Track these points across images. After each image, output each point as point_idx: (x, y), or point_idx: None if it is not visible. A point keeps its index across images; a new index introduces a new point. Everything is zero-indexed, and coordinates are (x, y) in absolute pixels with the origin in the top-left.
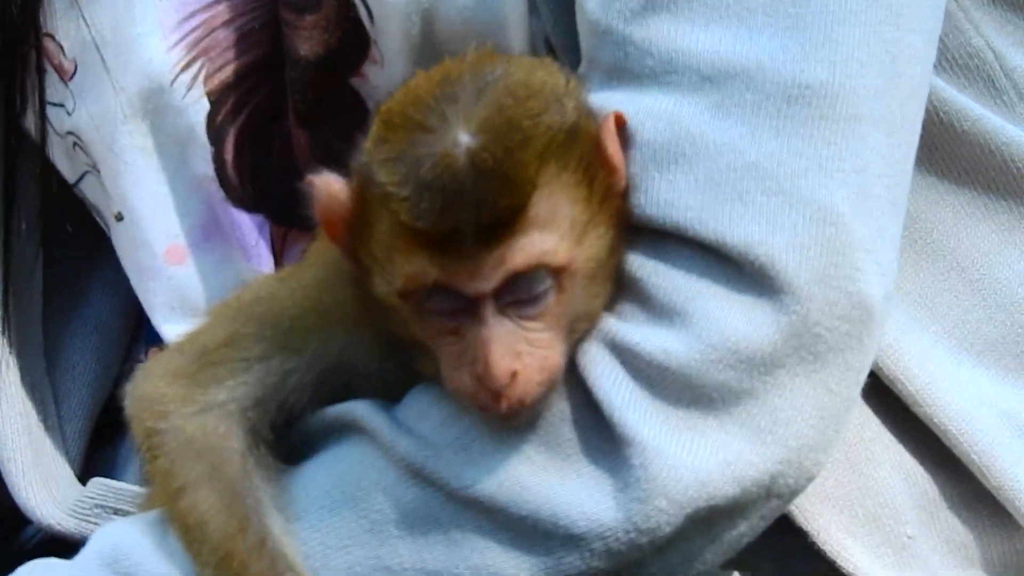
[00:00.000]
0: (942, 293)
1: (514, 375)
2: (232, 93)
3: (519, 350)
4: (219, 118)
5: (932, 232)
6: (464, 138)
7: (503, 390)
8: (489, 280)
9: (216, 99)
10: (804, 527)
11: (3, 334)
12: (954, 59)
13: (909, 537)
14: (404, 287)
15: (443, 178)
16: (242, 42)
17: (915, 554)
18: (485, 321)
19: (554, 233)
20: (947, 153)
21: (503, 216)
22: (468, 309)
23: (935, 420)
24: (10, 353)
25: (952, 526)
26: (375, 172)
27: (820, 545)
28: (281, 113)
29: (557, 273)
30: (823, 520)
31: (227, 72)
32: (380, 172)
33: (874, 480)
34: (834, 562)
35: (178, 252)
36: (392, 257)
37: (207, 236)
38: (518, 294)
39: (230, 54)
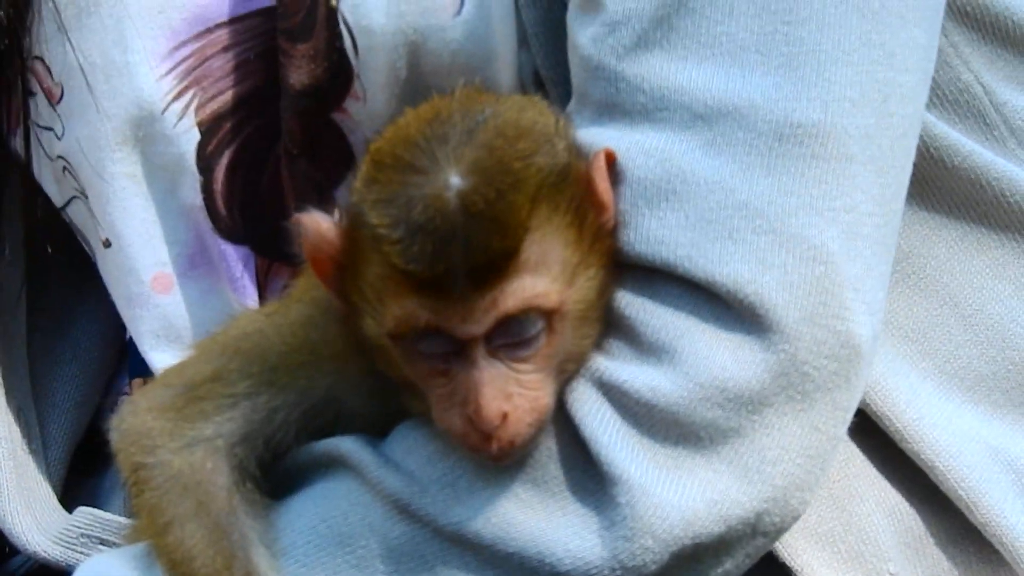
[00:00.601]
0: (934, 328)
1: (504, 417)
2: (225, 123)
3: (509, 392)
4: (210, 148)
5: (925, 267)
6: (455, 180)
7: (494, 432)
8: (480, 323)
9: (207, 128)
10: (788, 563)
11: None
12: (944, 95)
13: (891, 574)
14: (394, 329)
15: (435, 221)
16: (237, 72)
17: None
18: (476, 363)
19: (545, 276)
20: (939, 188)
21: (495, 260)
22: (459, 351)
23: (922, 456)
24: None
25: (938, 563)
26: (366, 213)
27: None
28: (273, 144)
29: (548, 315)
30: (806, 556)
31: (220, 102)
32: (371, 214)
33: (857, 516)
34: None
35: (165, 281)
36: (382, 298)
37: (194, 265)
38: (509, 337)
39: (224, 83)
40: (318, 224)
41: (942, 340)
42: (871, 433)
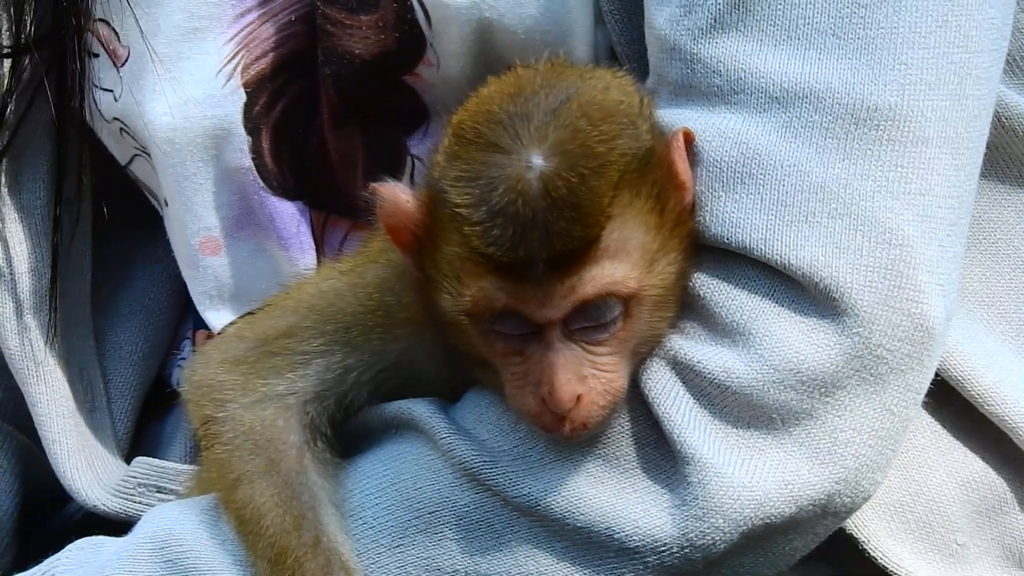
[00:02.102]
0: (1008, 292)
1: (578, 399)
2: (270, 84)
3: (584, 374)
4: (256, 108)
5: (995, 232)
6: (537, 162)
7: (567, 413)
8: (558, 308)
9: (253, 90)
10: (855, 534)
11: (48, 319)
12: (1017, 63)
13: (959, 544)
14: (471, 308)
15: (516, 205)
16: (279, 35)
17: (963, 560)
18: (551, 345)
19: (625, 262)
20: (1008, 155)
21: (576, 246)
22: (535, 332)
23: (1005, 419)
24: (54, 336)
25: (1010, 531)
26: (446, 191)
27: (870, 552)
28: (319, 105)
29: (626, 300)
30: (873, 527)
31: (264, 63)
32: (452, 192)
33: (926, 487)
34: (885, 568)
35: (212, 244)
36: (460, 276)
37: (240, 226)
38: (586, 321)
39: (267, 46)
40: (396, 194)
41: (1016, 304)
42: (947, 402)
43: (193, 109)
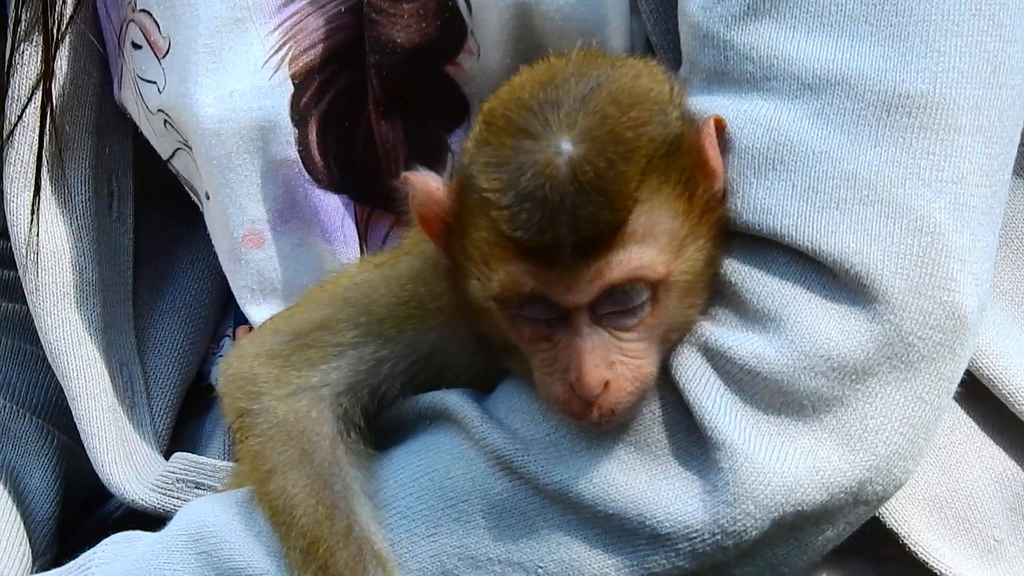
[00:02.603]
0: None
1: (606, 385)
2: (318, 75)
3: (612, 360)
4: (303, 100)
5: None
6: (566, 147)
7: (595, 399)
8: (585, 293)
9: (300, 82)
10: (895, 529)
11: (89, 313)
12: None
13: (996, 540)
14: (499, 293)
15: (544, 189)
16: (328, 26)
17: (1001, 557)
18: (579, 331)
19: (653, 247)
20: None
21: (603, 230)
22: (563, 318)
23: None
24: (95, 332)
25: None
26: (475, 176)
27: (911, 547)
28: (366, 97)
29: (654, 286)
30: (914, 522)
31: (313, 55)
32: (480, 177)
33: (964, 483)
34: (925, 563)
35: (255, 237)
36: (489, 262)
37: (284, 220)
38: (614, 306)
39: (316, 37)
40: (427, 183)
41: None
42: (979, 398)
43: (238, 101)
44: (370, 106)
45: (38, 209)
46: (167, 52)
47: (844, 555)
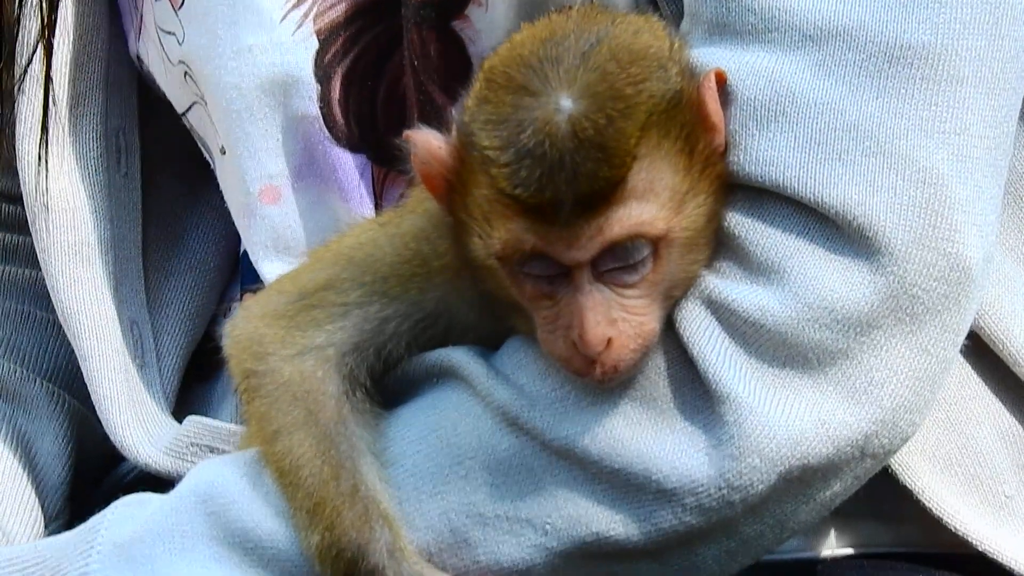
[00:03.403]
0: None
1: (609, 342)
2: (343, 32)
3: (614, 317)
4: (327, 56)
5: None
6: (566, 103)
7: (597, 356)
8: (586, 249)
9: (325, 38)
10: (908, 486)
11: (99, 271)
12: None
13: (1007, 496)
14: (501, 251)
15: (543, 146)
16: None
17: (1012, 512)
18: (581, 288)
19: (653, 203)
20: None
21: (602, 187)
22: (565, 275)
23: None
24: (107, 289)
25: None
26: (475, 134)
27: (926, 503)
28: (391, 54)
29: (655, 242)
30: (927, 479)
31: (338, 11)
32: (480, 134)
33: (974, 440)
34: (940, 519)
35: (273, 192)
36: (490, 220)
37: (301, 176)
38: (615, 262)
39: None
40: (429, 141)
41: None
42: (985, 356)
43: (259, 55)
44: (405, 63)
45: (47, 164)
46: (182, 3)
47: (856, 516)
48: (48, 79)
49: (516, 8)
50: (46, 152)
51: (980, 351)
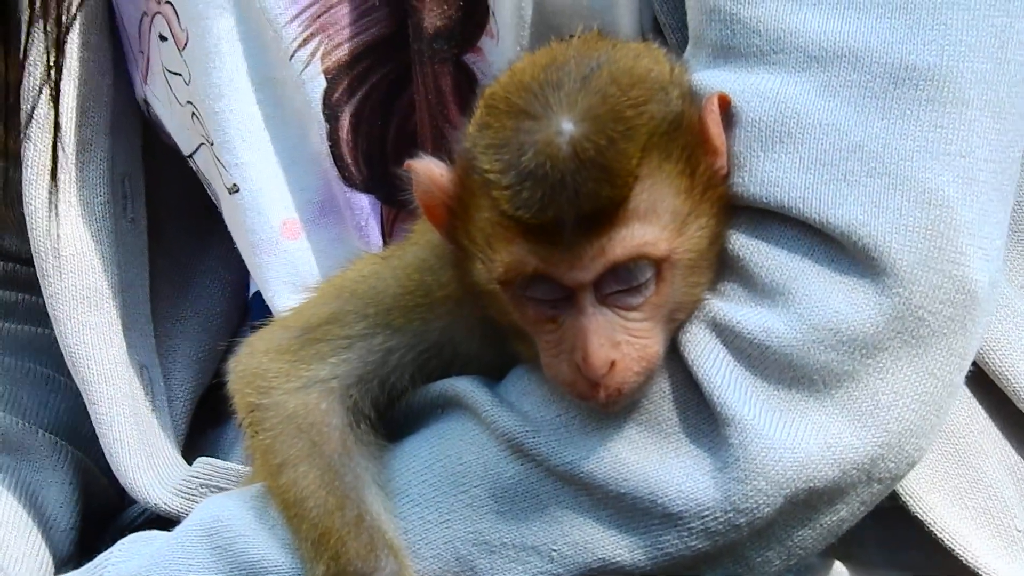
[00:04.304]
0: None
1: (612, 365)
2: (350, 71)
3: (617, 340)
4: (335, 96)
5: None
6: (567, 126)
7: (601, 380)
8: (588, 271)
9: (333, 76)
10: (921, 517)
11: (108, 316)
12: None
13: (1019, 531)
14: (503, 275)
15: (544, 167)
16: (361, 20)
17: None
18: (584, 311)
19: (655, 224)
20: None
21: (604, 207)
22: (567, 298)
23: None
24: (116, 334)
25: None
26: (477, 158)
27: (937, 534)
28: (400, 93)
29: (658, 264)
30: (939, 511)
31: (345, 49)
32: (482, 159)
33: (983, 473)
34: (951, 551)
35: (294, 227)
36: (492, 244)
37: (323, 213)
38: (618, 285)
39: (349, 31)
40: (430, 169)
41: None
42: (992, 391)
43: (278, 90)
44: (417, 98)
45: (56, 210)
46: (186, 44)
47: (865, 544)
48: (57, 125)
49: (526, 40)
50: (55, 198)
51: (987, 386)
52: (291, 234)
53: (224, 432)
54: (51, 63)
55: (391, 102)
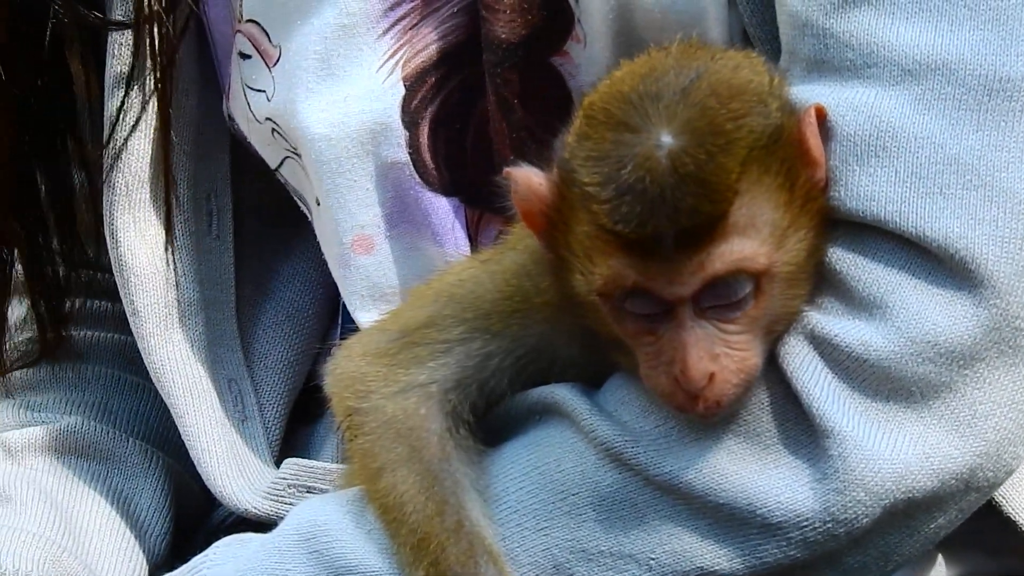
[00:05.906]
0: None
1: (711, 377)
2: (429, 77)
3: (716, 352)
4: (415, 103)
5: None
6: (666, 139)
7: (700, 392)
8: (688, 285)
9: (412, 84)
10: (1015, 519)
11: (193, 331)
12: None
13: None
14: (602, 288)
15: (644, 182)
16: (441, 27)
17: None
18: (683, 324)
19: (754, 238)
20: None
21: (703, 222)
22: (667, 311)
23: None
24: (199, 350)
25: None
26: (576, 171)
27: None
28: (478, 98)
29: (757, 277)
30: None
31: (424, 56)
32: (581, 171)
33: None
34: None
35: (365, 242)
36: (591, 256)
37: (394, 224)
38: (717, 298)
39: (429, 39)
40: (529, 178)
41: None
42: None
43: (351, 105)
44: (489, 107)
45: (138, 230)
46: (277, 60)
47: (961, 549)
48: (167, 148)
49: (615, 44)
50: (138, 218)
51: None
52: (363, 249)
53: (315, 430)
54: (155, 86)
55: (469, 106)
